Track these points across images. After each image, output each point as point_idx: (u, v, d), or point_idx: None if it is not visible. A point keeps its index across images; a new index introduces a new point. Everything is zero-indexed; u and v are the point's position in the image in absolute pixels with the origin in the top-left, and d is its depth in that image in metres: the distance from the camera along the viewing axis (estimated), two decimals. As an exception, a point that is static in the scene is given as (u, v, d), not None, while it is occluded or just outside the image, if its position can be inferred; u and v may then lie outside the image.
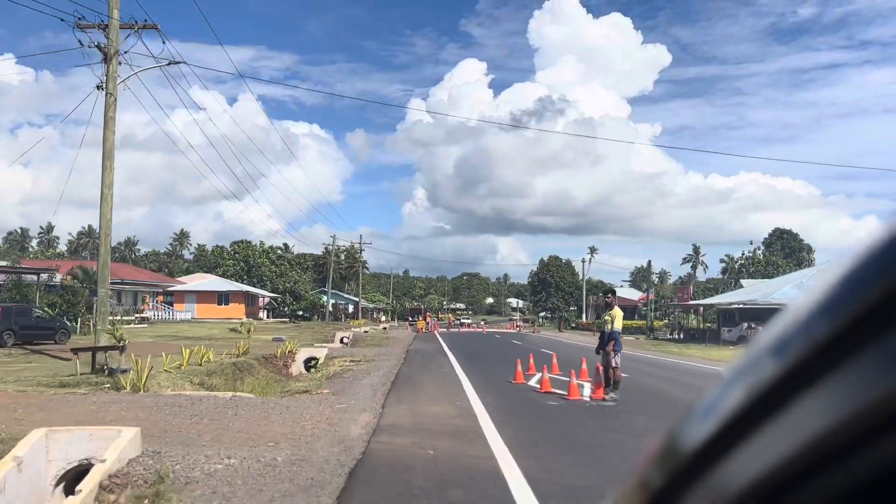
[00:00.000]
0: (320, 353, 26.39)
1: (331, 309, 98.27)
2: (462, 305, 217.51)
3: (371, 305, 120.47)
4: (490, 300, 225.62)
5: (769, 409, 0.45)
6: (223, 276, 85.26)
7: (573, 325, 76.84)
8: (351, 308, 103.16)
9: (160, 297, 65.59)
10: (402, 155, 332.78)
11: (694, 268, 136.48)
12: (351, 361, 24.77)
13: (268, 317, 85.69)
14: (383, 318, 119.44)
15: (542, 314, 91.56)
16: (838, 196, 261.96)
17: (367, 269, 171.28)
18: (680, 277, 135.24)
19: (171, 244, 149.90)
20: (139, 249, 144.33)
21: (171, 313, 63.52)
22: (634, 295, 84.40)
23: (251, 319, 55.01)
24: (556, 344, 40.51)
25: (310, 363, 25.45)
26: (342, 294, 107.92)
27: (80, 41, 18.11)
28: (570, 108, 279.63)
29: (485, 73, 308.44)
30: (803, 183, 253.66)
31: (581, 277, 79.51)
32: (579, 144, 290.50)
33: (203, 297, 68.23)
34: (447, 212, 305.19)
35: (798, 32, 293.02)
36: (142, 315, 55.49)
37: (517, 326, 72.50)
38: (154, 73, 19.56)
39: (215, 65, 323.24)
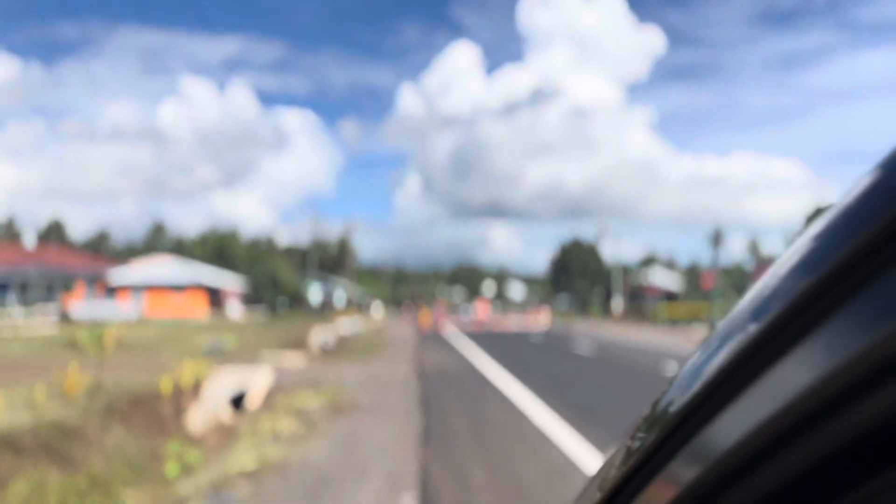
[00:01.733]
0: (258, 381, 13.33)
1: (319, 300, 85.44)
2: (460, 293, 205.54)
3: (363, 294, 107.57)
4: (488, 287, 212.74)
5: (756, 366, 0.44)
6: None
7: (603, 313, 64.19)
8: (340, 298, 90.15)
9: (100, 288, 52.40)
10: (394, 143, 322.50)
11: (717, 248, 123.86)
12: (314, 403, 11.88)
13: (243, 311, 72.77)
14: (377, 308, 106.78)
15: (560, 294, 78.77)
16: (831, 178, 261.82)
17: (359, 257, 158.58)
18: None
19: (147, 237, 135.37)
20: (113, 245, 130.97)
21: (112, 308, 50.41)
22: (666, 280, 71.71)
23: (229, 315, 42.07)
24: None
25: (238, 402, 12.61)
26: (331, 283, 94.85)
27: None
28: (563, 93, 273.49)
29: (476, 59, 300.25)
30: (797, 165, 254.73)
31: (614, 264, 66.65)
32: (574, 130, 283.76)
33: (155, 287, 55.06)
34: (440, 200, 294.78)
35: (791, 15, 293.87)
36: (63, 312, 42.40)
37: (534, 312, 59.87)
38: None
39: (202, 54, 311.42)
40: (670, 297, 66.77)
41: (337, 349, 25.62)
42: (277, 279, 77.91)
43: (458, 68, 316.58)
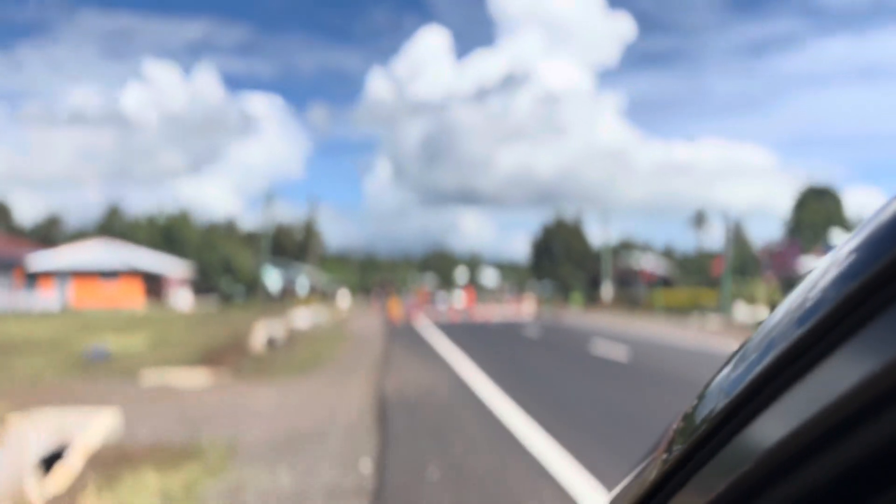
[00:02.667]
0: (76, 443, 6.38)
1: (279, 288, 78.20)
2: (432, 280, 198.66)
3: (329, 281, 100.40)
4: (461, 273, 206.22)
5: (794, 374, 0.45)
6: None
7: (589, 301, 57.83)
8: (304, 285, 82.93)
9: (18, 276, 44.86)
10: (364, 128, 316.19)
11: (700, 231, 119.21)
12: None
13: (192, 300, 65.44)
14: (343, 296, 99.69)
15: (542, 280, 72.39)
16: (798, 165, 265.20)
17: (326, 242, 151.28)
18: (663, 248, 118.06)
19: (101, 222, 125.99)
20: (65, 230, 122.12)
21: (30, 298, 42.94)
22: (657, 265, 65.65)
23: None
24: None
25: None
26: (292, 269, 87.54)
27: None
28: (534, 78, 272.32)
29: (446, 43, 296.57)
30: (763, 151, 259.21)
31: (604, 246, 60.33)
32: (545, 116, 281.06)
33: (83, 274, 47.56)
34: (411, 186, 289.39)
35: (757, 2, 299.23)
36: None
37: (514, 301, 53.39)
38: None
39: (167, 38, 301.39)
40: (666, 283, 60.78)
41: (276, 355, 18.83)
42: (232, 266, 70.63)
43: (428, 53, 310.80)
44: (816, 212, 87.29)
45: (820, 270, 0.46)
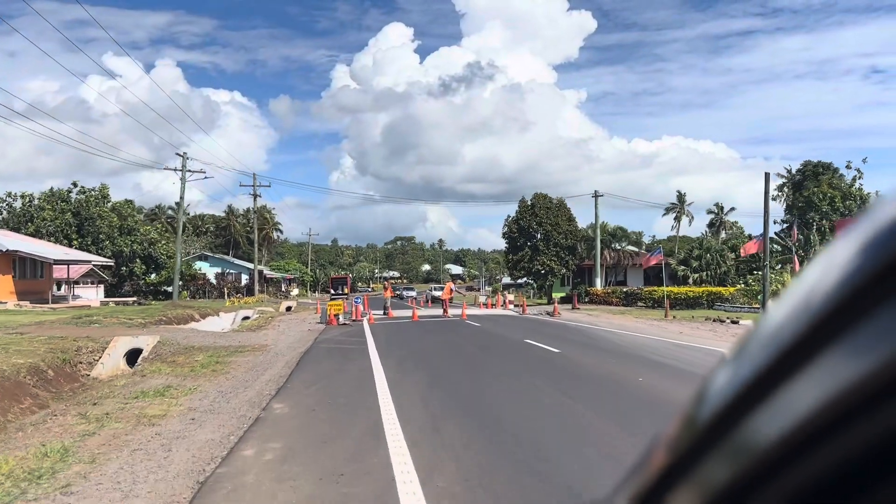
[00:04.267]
0: None
1: (213, 281, 66.91)
2: (396, 273, 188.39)
3: (279, 275, 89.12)
4: (427, 267, 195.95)
5: (795, 364, 0.45)
6: (35, 233, 52.87)
7: (584, 295, 47.42)
8: (245, 279, 71.71)
9: None
10: (329, 122, 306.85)
11: (678, 219, 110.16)
12: None
13: (98, 294, 53.90)
14: (295, 292, 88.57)
15: (523, 280, 61.95)
16: (756, 159, 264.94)
17: (281, 231, 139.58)
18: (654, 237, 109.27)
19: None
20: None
21: None
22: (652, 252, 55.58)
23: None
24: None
25: None
26: (233, 261, 76.10)
27: None
28: (498, 73, 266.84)
29: (411, 38, 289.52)
30: (723, 146, 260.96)
31: (595, 222, 50.00)
32: (508, 111, 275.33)
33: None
34: (376, 180, 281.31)
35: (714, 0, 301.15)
36: None
37: (498, 303, 42.96)
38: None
39: (129, 30, 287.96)
40: (673, 276, 50.80)
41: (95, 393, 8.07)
42: (156, 256, 59.11)
43: (392, 48, 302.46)
44: (817, 192, 77.88)
45: (820, 265, 0.47)
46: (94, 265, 47.75)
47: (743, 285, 44.56)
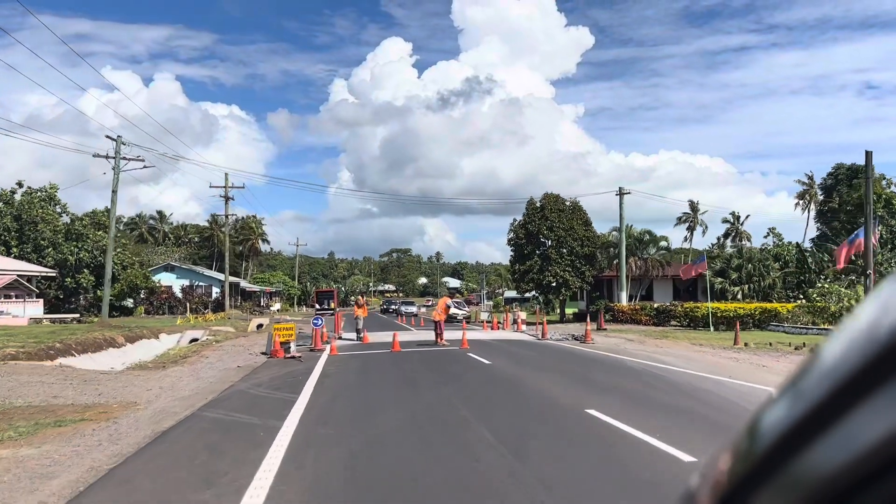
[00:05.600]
0: None
1: (179, 295, 58.49)
2: (391, 287, 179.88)
3: (258, 288, 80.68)
4: (423, 280, 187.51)
5: (857, 395, 0.44)
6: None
7: (605, 313, 39.01)
8: (217, 291, 63.25)
9: None
10: (327, 136, 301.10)
11: (691, 229, 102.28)
12: None
13: (48, 311, 45.51)
14: (275, 307, 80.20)
15: (531, 293, 53.64)
16: (753, 174, 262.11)
17: (268, 241, 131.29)
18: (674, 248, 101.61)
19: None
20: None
21: None
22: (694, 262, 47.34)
23: None
24: None
25: None
26: (203, 272, 67.75)
27: None
28: (496, 88, 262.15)
29: (409, 53, 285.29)
30: (720, 161, 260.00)
31: (620, 224, 41.71)
32: (506, 125, 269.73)
33: None
34: (374, 194, 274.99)
35: (710, 16, 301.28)
36: None
37: (506, 323, 34.70)
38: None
39: (128, 44, 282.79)
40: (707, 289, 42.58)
41: None
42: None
43: (390, 62, 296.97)
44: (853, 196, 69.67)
45: (886, 293, 0.45)
46: (19, 276, 39.36)
47: (803, 301, 36.31)
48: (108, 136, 31.94)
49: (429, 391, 11.65)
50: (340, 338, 25.59)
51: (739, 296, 41.99)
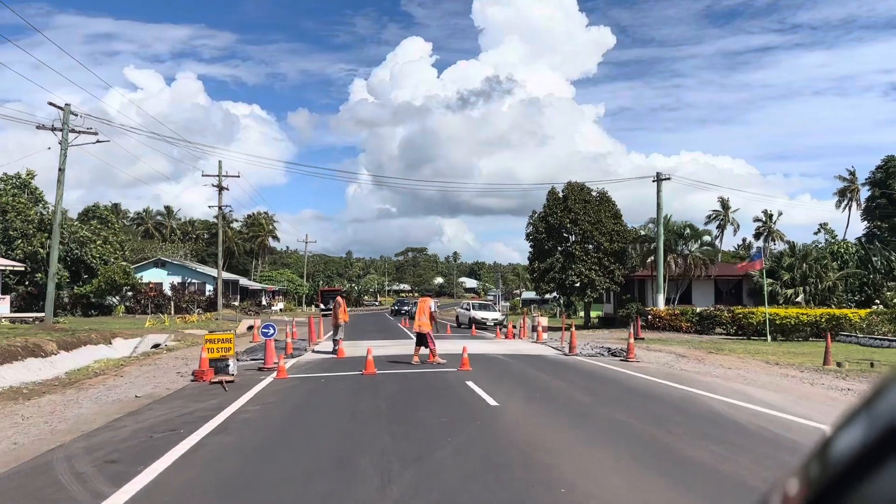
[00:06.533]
0: None
1: (169, 293, 53.27)
2: (406, 286, 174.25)
3: (260, 286, 75.34)
4: (439, 280, 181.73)
5: None
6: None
7: (632, 316, 33.07)
8: (211, 289, 58.00)
9: None
10: (347, 136, 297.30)
11: (722, 228, 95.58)
12: None
13: (14, 309, 40.46)
14: (278, 307, 75.01)
15: (552, 295, 47.94)
16: (776, 175, 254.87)
17: (277, 238, 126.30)
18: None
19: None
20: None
21: None
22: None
23: None
24: None
25: None
26: (195, 268, 62.51)
27: None
28: (516, 87, 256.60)
29: (429, 53, 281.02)
30: (742, 162, 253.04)
31: (658, 215, 35.81)
32: (526, 125, 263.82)
33: None
34: (392, 193, 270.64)
35: (732, 16, 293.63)
36: None
37: (523, 332, 29.00)
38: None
39: (150, 43, 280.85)
40: (754, 292, 36.72)
41: None
42: (87, 260, 45.69)
43: (410, 62, 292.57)
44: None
45: None
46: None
47: (879, 306, 30.36)
48: (51, 104, 26.65)
49: (369, 487, 6.06)
50: (315, 350, 20.11)
51: (798, 300, 36.03)
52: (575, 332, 19.64)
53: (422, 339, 16.22)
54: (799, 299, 34.93)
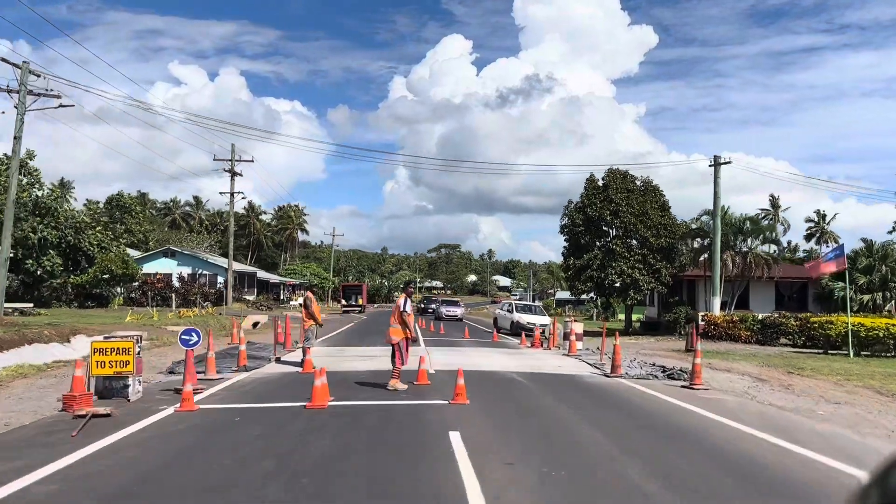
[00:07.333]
0: None
1: (177, 285, 49.44)
2: (439, 283, 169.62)
3: (279, 280, 71.25)
4: (472, 277, 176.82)
5: None
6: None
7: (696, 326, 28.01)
8: (221, 282, 54.03)
9: None
10: (385, 133, 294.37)
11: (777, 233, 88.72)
12: None
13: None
14: (297, 301, 71.03)
15: (587, 296, 43.11)
16: (820, 178, 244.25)
17: (306, 231, 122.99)
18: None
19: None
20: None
21: None
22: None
23: None
24: None
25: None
26: (207, 259, 58.57)
27: None
28: (556, 86, 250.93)
29: (469, 50, 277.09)
30: (785, 164, 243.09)
31: (714, 206, 30.56)
32: (565, 123, 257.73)
33: None
34: (429, 190, 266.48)
35: (777, 15, 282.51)
36: None
37: (553, 340, 24.10)
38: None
39: (195, 39, 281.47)
40: (823, 296, 31.46)
41: None
42: (83, 248, 41.93)
43: (450, 59, 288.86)
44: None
45: None
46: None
47: None
48: (4, 60, 22.53)
49: None
50: (281, 360, 15.60)
51: (872, 306, 30.63)
52: (619, 345, 14.80)
53: (394, 353, 11.54)
54: (889, 307, 29.52)
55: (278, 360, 15.37)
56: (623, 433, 8.43)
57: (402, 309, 11.55)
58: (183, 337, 11.06)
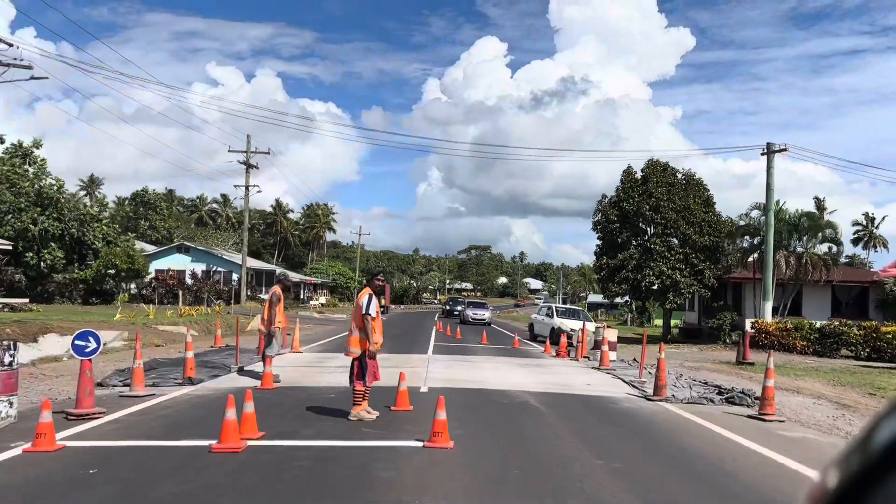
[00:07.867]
0: None
1: (189, 282, 47.11)
2: (468, 285, 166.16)
3: (299, 278, 68.72)
4: (503, 280, 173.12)
5: None
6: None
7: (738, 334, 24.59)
8: (236, 279, 51.54)
9: None
10: (418, 134, 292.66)
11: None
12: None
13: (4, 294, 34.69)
14: (319, 301, 68.46)
15: (621, 300, 39.72)
16: (861, 184, 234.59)
17: (334, 230, 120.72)
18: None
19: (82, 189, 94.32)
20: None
21: None
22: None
23: None
24: None
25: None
26: (222, 255, 56.11)
27: None
28: (591, 88, 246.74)
29: (503, 53, 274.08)
30: (824, 169, 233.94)
31: (767, 199, 27.00)
32: (600, 126, 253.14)
33: None
34: (462, 192, 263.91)
35: (818, 17, 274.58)
36: None
37: (582, 350, 20.76)
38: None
39: (233, 41, 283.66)
40: (883, 302, 27.82)
41: None
42: (87, 241, 39.70)
43: (484, 61, 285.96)
44: None
45: None
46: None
47: None
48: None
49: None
50: (244, 370, 12.69)
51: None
52: (663, 358, 11.61)
53: (352, 367, 8.60)
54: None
55: (240, 371, 12.46)
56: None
57: (363, 311, 8.51)
58: (76, 343, 8.18)
